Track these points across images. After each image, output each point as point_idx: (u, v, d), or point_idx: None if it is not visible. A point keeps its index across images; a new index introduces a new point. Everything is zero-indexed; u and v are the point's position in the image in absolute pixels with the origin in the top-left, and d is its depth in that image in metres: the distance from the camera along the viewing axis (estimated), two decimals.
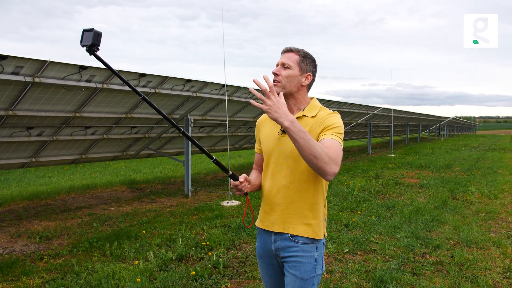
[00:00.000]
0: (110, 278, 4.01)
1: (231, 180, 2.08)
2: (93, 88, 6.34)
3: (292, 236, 2.06)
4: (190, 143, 8.57)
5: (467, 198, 8.17)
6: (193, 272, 4.08)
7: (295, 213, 2.06)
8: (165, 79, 7.10)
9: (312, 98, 2.20)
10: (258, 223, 2.23)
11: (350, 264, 4.39)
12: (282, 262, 2.13)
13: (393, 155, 18.31)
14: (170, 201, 8.18)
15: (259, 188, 2.25)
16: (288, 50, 2.12)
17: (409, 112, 24.94)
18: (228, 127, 10.74)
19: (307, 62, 2.12)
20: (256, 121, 11.06)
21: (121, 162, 14.12)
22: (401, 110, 23.16)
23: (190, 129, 8.40)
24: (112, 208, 7.48)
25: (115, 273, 4.17)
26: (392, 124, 21.21)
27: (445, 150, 21.70)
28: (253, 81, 1.83)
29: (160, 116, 8.41)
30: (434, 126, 39.74)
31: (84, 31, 1.88)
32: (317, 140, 1.99)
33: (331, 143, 1.91)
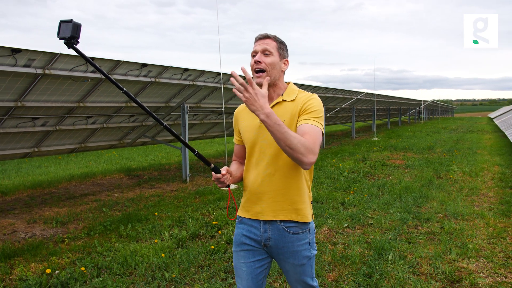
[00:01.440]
0: (134, 255, 4.35)
1: (213, 173, 2.04)
2: (97, 78, 6.57)
3: (284, 223, 2.08)
4: (187, 130, 8.86)
5: (451, 176, 8.74)
6: (212, 247, 4.45)
7: (283, 199, 2.06)
8: (165, 68, 7.36)
9: (288, 83, 2.19)
10: (241, 213, 2.19)
11: (351, 237, 4.83)
12: (272, 253, 2.14)
13: (376, 139, 18.91)
14: (169, 187, 8.50)
15: (240, 179, 2.24)
16: (265, 37, 2.08)
17: (390, 96, 25.60)
18: (220, 114, 11.07)
19: (284, 48, 2.13)
20: None
21: (113, 151, 14.30)
22: (382, 95, 23.78)
23: (186, 116, 8.70)
24: (116, 195, 7.77)
25: (136, 251, 4.51)
26: (375, 109, 21.80)
27: (426, 133, 22.46)
28: (231, 73, 1.83)
29: (155, 105, 8.67)
30: (413, 110, 40.71)
31: (62, 22, 1.77)
32: (297, 124, 2.03)
33: (309, 129, 1.93)
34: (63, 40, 1.76)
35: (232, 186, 7.79)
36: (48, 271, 3.89)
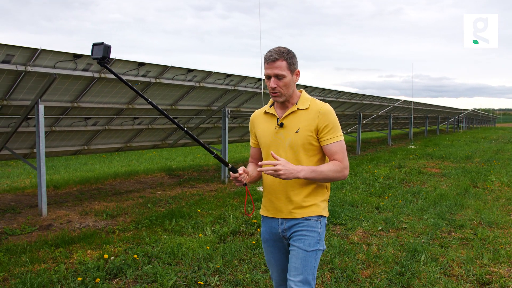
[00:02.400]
0: (180, 247, 4.70)
1: (231, 172, 2.21)
2: (147, 82, 7.03)
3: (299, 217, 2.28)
4: (227, 133, 9.22)
5: (488, 186, 8.69)
6: (254, 242, 4.76)
7: (298, 199, 2.24)
8: (209, 74, 7.76)
9: (301, 91, 2.35)
10: (263, 212, 2.41)
11: (385, 239, 5.02)
12: (288, 240, 2.31)
13: (412, 147, 18.74)
14: (209, 187, 8.88)
15: (257, 179, 2.43)
16: (274, 60, 2.18)
17: (428, 104, 25.24)
18: None
19: (293, 61, 2.23)
20: None
21: (154, 151, 14.90)
22: (420, 103, 23.49)
23: (227, 120, 9.07)
24: (159, 192, 8.21)
25: (182, 243, 4.87)
26: (412, 116, 21.58)
27: (464, 142, 22.02)
28: (259, 164, 2.15)
29: (198, 108, 9.09)
30: (452, 119, 39.77)
31: (94, 44, 1.98)
32: (318, 137, 2.23)
33: (336, 149, 2.21)
34: (96, 60, 2.01)
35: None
36: (106, 256, 4.30)
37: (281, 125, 2.27)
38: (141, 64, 6.52)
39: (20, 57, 5.33)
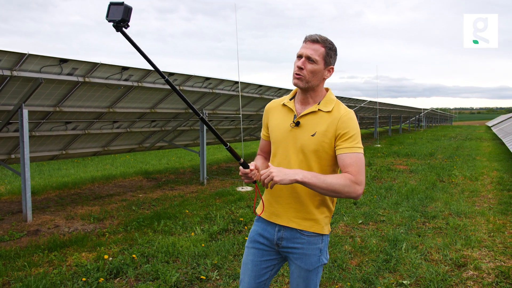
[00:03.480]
0: (174, 246, 4.86)
1: (241, 167, 2.01)
2: (129, 86, 7.12)
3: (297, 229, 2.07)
4: (205, 135, 9.39)
5: (453, 180, 9.29)
6: (246, 238, 4.99)
7: (300, 208, 2.04)
8: (189, 77, 7.92)
9: (327, 90, 2.11)
10: (259, 211, 2.21)
11: (366, 231, 5.37)
12: (283, 252, 2.12)
13: (379, 145, 19.48)
14: (188, 188, 9.02)
15: None
16: (314, 41, 1.97)
17: (391, 104, 26.23)
18: (233, 120, 11.64)
19: (332, 55, 2.01)
20: (258, 114, 11.79)
21: (127, 155, 14.82)
22: (384, 103, 24.39)
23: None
24: (140, 195, 8.28)
25: (175, 243, 5.03)
26: (377, 116, 22.38)
27: (427, 140, 23.06)
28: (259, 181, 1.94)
29: (176, 111, 9.22)
30: (414, 118, 41.35)
31: (112, 4, 1.71)
32: (335, 147, 1.99)
33: (351, 161, 1.91)
34: (112, 23, 1.69)
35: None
36: (106, 257, 4.41)
37: (297, 124, 2.03)
38: (125, 68, 6.62)
39: (6, 61, 5.33)
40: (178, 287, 3.80)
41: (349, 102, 17.77)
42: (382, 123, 31.98)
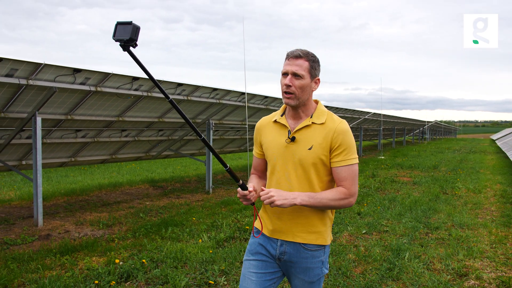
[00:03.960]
0: (182, 252, 4.99)
1: (239, 189, 2.01)
2: (139, 95, 7.31)
3: (303, 243, 2.08)
4: (211, 144, 9.55)
5: (456, 192, 9.38)
6: None
7: (304, 222, 2.05)
8: (197, 88, 8.10)
9: (317, 102, 2.14)
10: (258, 226, 2.20)
11: (370, 241, 5.48)
12: (284, 265, 2.14)
13: (383, 157, 19.57)
14: (194, 197, 9.15)
15: None
16: (297, 56, 1.99)
17: (395, 116, 26.36)
18: (238, 130, 11.80)
19: (316, 67, 2.04)
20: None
21: (133, 163, 14.99)
22: (389, 115, 24.53)
23: (211, 132, 9.41)
24: (147, 203, 8.42)
25: (183, 249, 5.16)
26: (381, 128, 22.51)
27: (430, 153, 23.13)
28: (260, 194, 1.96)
29: (182, 121, 9.39)
30: (417, 130, 41.41)
31: (118, 24, 1.69)
32: (330, 159, 2.03)
33: (346, 174, 1.99)
34: (119, 43, 1.68)
35: None
36: (117, 261, 4.54)
37: (293, 139, 2.05)
38: (135, 79, 6.80)
39: (23, 71, 5.53)
40: None
41: (354, 114, 17.92)
42: (386, 135, 32.09)
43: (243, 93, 9.28)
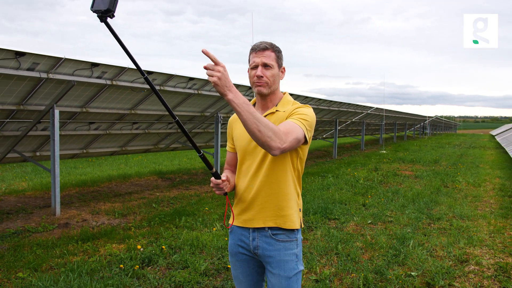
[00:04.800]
0: (197, 240, 5.25)
1: (213, 178, 2.03)
2: (150, 89, 7.53)
3: (272, 231, 2.10)
4: (219, 137, 9.80)
5: (456, 186, 9.66)
6: None
7: (272, 206, 2.09)
8: (207, 82, 8.33)
9: (284, 93, 2.21)
10: (231, 221, 2.23)
11: (375, 230, 5.76)
12: (262, 260, 2.16)
13: (384, 152, 19.84)
14: (203, 189, 9.42)
15: (234, 188, 2.23)
16: (264, 48, 2.08)
17: (397, 111, 26.59)
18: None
19: (280, 56, 2.14)
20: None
21: (140, 156, 15.24)
22: (390, 110, 24.76)
23: (219, 125, 9.65)
24: (158, 194, 8.69)
25: (198, 237, 5.42)
26: (383, 123, 22.74)
27: (431, 147, 23.40)
28: (202, 51, 1.73)
29: (192, 114, 9.64)
30: (418, 125, 41.67)
31: None
32: None
33: (288, 124, 1.93)
34: (96, 14, 1.63)
35: None
36: (139, 247, 4.81)
37: None
38: (149, 73, 7.04)
39: (44, 65, 5.76)
40: (207, 274, 4.19)
41: (356, 108, 18.15)
42: (387, 129, 32.34)
43: (250, 88, 9.52)
